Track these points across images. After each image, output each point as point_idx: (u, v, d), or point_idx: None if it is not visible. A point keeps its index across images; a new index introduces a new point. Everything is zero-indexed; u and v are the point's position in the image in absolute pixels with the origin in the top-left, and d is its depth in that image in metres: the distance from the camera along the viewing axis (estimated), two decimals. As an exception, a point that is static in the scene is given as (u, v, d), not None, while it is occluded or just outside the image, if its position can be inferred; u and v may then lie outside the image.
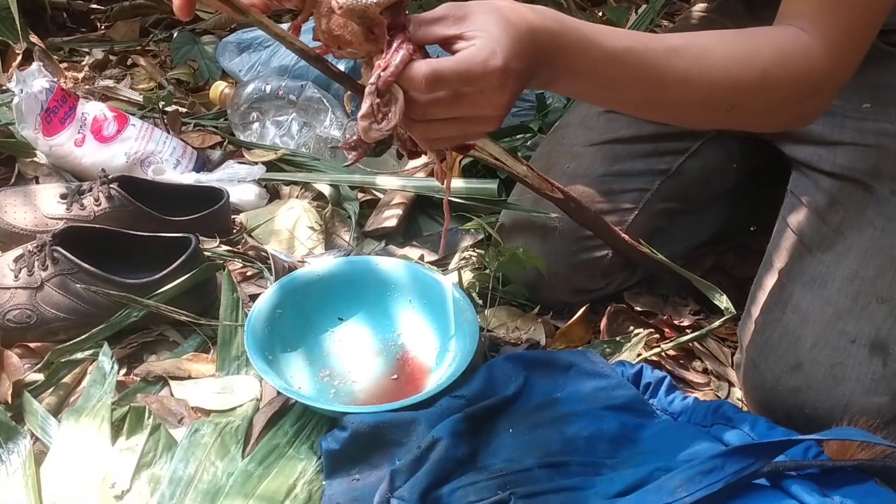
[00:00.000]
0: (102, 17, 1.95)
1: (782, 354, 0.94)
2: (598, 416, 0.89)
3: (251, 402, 0.96)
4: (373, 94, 0.66)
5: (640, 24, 1.65)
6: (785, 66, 0.79)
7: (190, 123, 1.52)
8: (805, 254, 0.98)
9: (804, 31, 0.80)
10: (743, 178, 1.20)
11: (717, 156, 1.17)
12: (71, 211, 1.15)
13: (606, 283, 1.16)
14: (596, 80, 0.77)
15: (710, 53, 0.79)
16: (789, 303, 0.96)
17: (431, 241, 1.27)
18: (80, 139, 1.30)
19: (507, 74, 0.67)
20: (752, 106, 0.82)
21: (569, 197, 1.04)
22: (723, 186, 1.20)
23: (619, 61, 0.76)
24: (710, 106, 0.82)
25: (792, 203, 1.04)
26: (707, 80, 0.79)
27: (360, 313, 1.07)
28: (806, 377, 0.92)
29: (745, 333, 1.00)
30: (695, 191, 1.16)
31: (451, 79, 0.67)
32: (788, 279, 0.98)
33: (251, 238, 1.23)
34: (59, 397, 0.97)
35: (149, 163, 1.32)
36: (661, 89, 0.79)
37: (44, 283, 1.03)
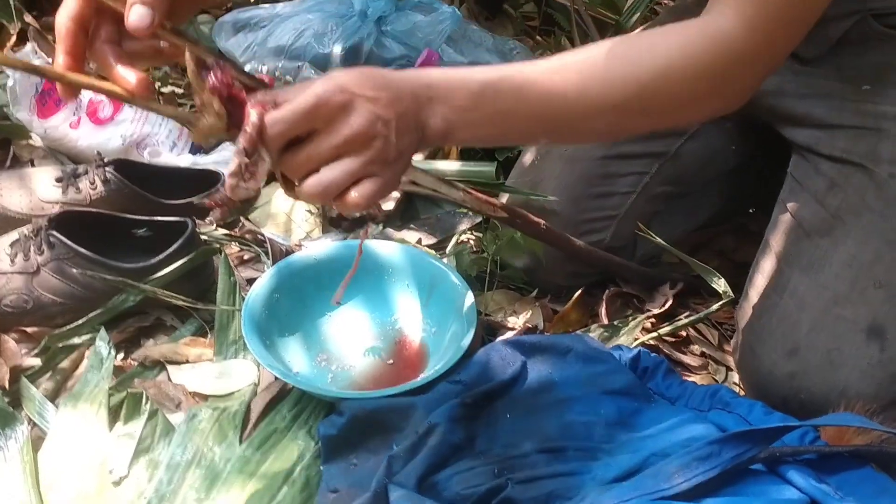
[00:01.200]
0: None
1: (779, 339, 0.94)
2: (595, 401, 0.89)
3: (249, 386, 0.96)
4: (240, 153, 0.68)
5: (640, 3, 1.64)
6: (687, 55, 0.76)
7: (186, 105, 1.51)
8: (803, 238, 0.98)
9: (723, 15, 0.77)
10: (741, 159, 1.20)
11: (716, 138, 1.16)
12: (67, 195, 1.15)
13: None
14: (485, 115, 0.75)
15: (596, 61, 0.77)
16: (787, 287, 0.96)
17: (429, 225, 1.26)
18: (75, 121, 1.29)
19: (347, 97, 0.68)
20: (664, 103, 0.79)
21: (513, 214, 1.03)
22: (721, 168, 1.19)
23: (496, 89, 0.75)
24: (620, 112, 0.78)
25: (791, 187, 1.03)
26: (601, 87, 0.77)
27: (358, 297, 1.07)
28: (803, 362, 0.92)
29: (743, 318, 1.00)
30: (693, 173, 1.16)
31: (289, 117, 0.68)
32: (786, 263, 0.98)
33: (248, 221, 1.23)
34: (56, 382, 0.97)
35: (145, 145, 1.31)
36: (555, 108, 0.77)
37: (40, 268, 1.02)
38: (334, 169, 0.70)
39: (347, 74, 0.70)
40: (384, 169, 0.72)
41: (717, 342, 1.10)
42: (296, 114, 0.68)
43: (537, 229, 1.05)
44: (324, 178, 0.71)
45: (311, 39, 1.50)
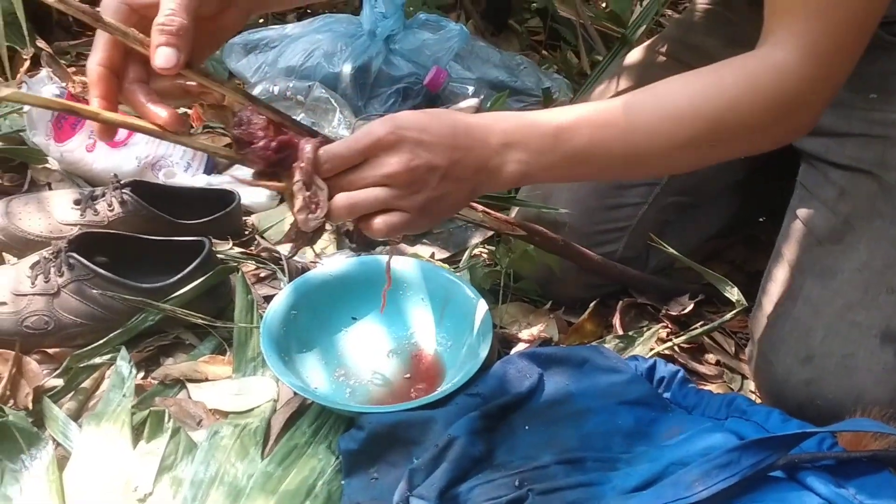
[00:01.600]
0: (108, 20, 1.95)
1: (793, 346, 0.95)
2: (613, 412, 0.90)
3: (268, 403, 0.97)
4: (301, 189, 0.75)
5: (645, 17, 1.65)
6: (754, 88, 0.79)
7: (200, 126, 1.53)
8: (815, 245, 0.98)
9: (779, 46, 0.79)
10: (751, 170, 1.21)
11: None
12: (85, 216, 1.16)
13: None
14: (562, 155, 0.79)
15: (669, 97, 0.80)
16: (800, 294, 0.97)
17: (442, 239, 1.27)
18: (90, 144, 1.31)
19: (398, 137, 0.73)
20: (733, 136, 0.81)
21: (531, 231, 1.05)
22: (731, 178, 1.20)
23: (574, 130, 0.78)
24: (691, 147, 0.80)
25: (801, 195, 1.04)
26: (674, 124, 0.79)
27: (374, 312, 1.08)
28: (818, 369, 0.93)
29: (757, 326, 1.00)
30: (703, 183, 1.17)
31: (345, 153, 0.74)
32: (798, 271, 0.98)
33: (263, 239, 1.24)
34: (78, 402, 0.98)
35: (160, 166, 1.33)
36: (632, 146, 0.80)
37: (60, 290, 1.04)
38: (368, 193, 0.75)
39: (411, 116, 0.75)
40: (415, 210, 0.76)
41: (732, 351, 1.11)
42: (351, 150, 0.74)
43: (555, 245, 1.07)
44: (354, 198, 0.75)
45: (321, 59, 1.52)
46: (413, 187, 0.75)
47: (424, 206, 0.76)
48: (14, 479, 0.86)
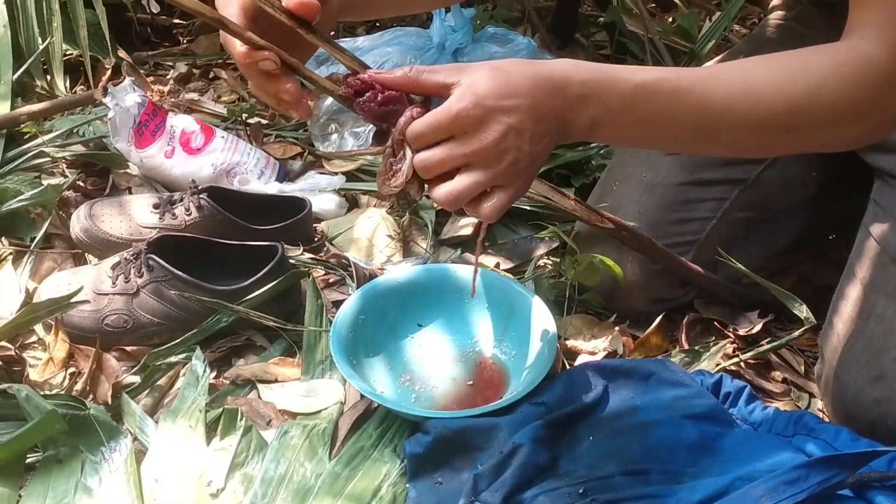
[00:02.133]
0: (185, 31, 2.02)
1: (865, 365, 0.93)
2: (678, 425, 0.90)
3: (335, 405, 0.99)
4: (388, 154, 0.77)
5: (714, 32, 1.65)
6: (840, 75, 0.77)
7: (272, 135, 1.57)
8: (889, 264, 0.97)
9: (866, 39, 0.77)
10: (822, 186, 1.19)
11: (796, 165, 1.16)
12: (163, 220, 1.21)
13: (684, 293, 1.17)
14: (637, 116, 0.77)
15: (752, 73, 0.79)
16: (872, 313, 0.95)
17: (506, 249, 1.29)
18: (169, 151, 1.36)
19: (483, 111, 0.72)
20: (811, 122, 0.79)
21: (620, 226, 1.05)
22: (801, 195, 1.19)
23: (653, 91, 0.77)
24: (767, 128, 0.79)
25: (875, 212, 1.03)
26: (754, 100, 0.78)
27: (439, 320, 1.10)
28: (889, 388, 0.91)
29: (827, 344, 0.99)
30: (773, 200, 1.16)
31: (427, 130, 0.74)
32: (871, 289, 0.97)
33: (332, 246, 1.27)
34: (154, 399, 1.01)
35: (234, 173, 1.37)
36: (707, 116, 0.78)
37: (139, 290, 1.08)
38: (464, 180, 0.75)
39: (486, 83, 0.73)
40: (514, 179, 0.76)
41: (800, 369, 1.09)
42: (432, 127, 0.74)
43: (640, 242, 1.07)
44: (455, 189, 0.75)
45: (391, 71, 1.55)
46: (506, 160, 0.74)
47: (520, 172, 0.76)
48: (94, 471, 0.90)
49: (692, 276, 1.12)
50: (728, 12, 1.70)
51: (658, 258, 1.09)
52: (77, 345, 1.06)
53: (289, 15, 0.78)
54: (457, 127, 0.73)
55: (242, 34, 0.75)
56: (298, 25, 0.78)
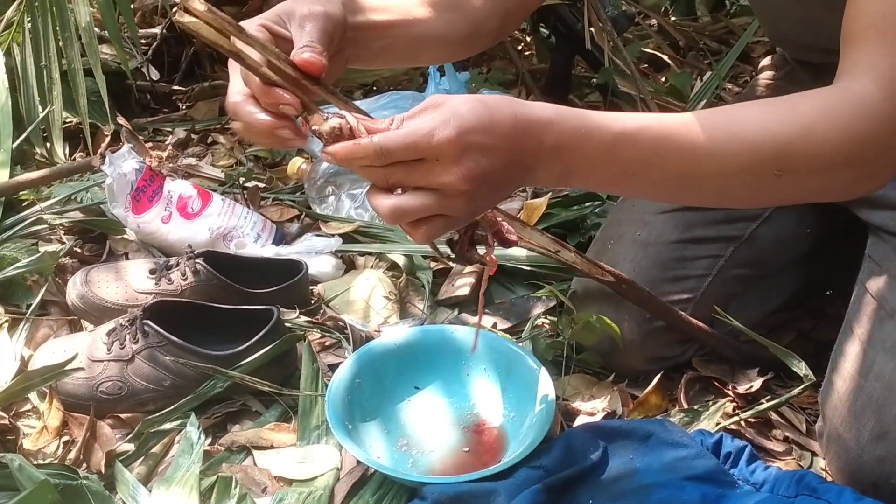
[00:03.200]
0: (184, 97, 2.05)
1: (866, 423, 0.92)
2: (678, 487, 0.88)
3: (332, 471, 0.98)
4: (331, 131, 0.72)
5: (706, 90, 1.67)
6: (831, 117, 0.74)
7: (269, 198, 1.59)
8: (886, 320, 0.97)
9: (857, 81, 0.76)
10: (817, 242, 1.20)
11: (790, 221, 1.17)
12: (159, 285, 1.21)
13: (683, 351, 1.16)
14: (614, 165, 0.75)
15: (738, 116, 0.77)
16: (872, 370, 0.95)
17: (503, 309, 1.28)
18: (166, 216, 1.36)
19: (463, 145, 0.69)
20: (801, 167, 0.76)
21: (620, 279, 1.05)
22: (797, 252, 1.19)
23: (632, 140, 0.74)
24: (754, 173, 0.76)
25: (871, 268, 1.03)
26: (739, 143, 0.75)
27: (436, 382, 1.09)
28: (892, 446, 0.90)
29: (828, 401, 0.98)
30: (768, 257, 1.16)
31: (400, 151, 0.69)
32: (870, 346, 0.96)
33: (329, 308, 1.26)
34: (148, 467, 1.00)
35: (231, 237, 1.38)
36: (690, 163, 0.76)
37: (135, 356, 1.07)
38: (416, 200, 0.71)
39: (472, 114, 0.70)
40: (463, 213, 0.73)
41: (801, 427, 1.08)
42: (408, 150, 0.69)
43: (641, 296, 1.07)
44: (401, 203, 0.71)
45: (387, 134, 1.56)
46: (466, 193, 0.70)
47: (472, 210, 0.73)
48: (86, 542, 0.88)
49: (693, 332, 1.11)
50: (719, 72, 1.73)
51: (658, 312, 1.09)
52: (71, 412, 1.05)
53: (294, 67, 0.77)
54: (432, 153, 0.69)
55: (258, 69, 0.76)
56: (304, 77, 0.78)
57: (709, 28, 2.69)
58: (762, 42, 2.61)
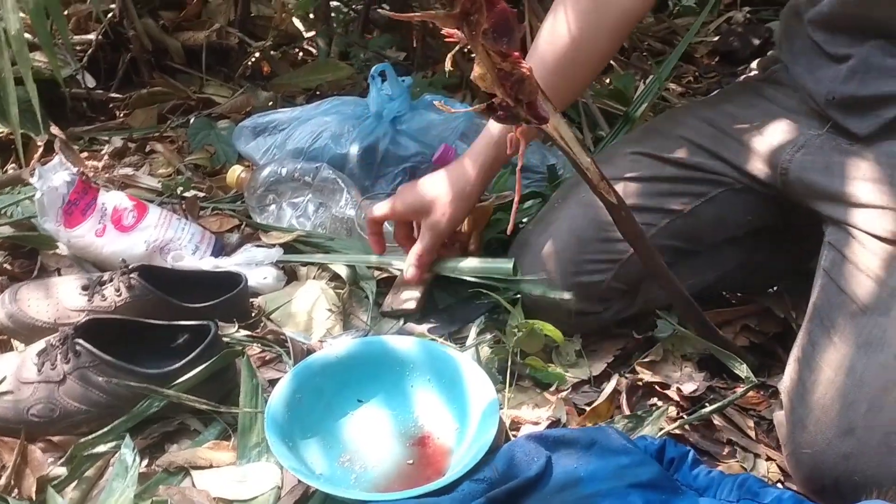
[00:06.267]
0: (121, 104, 2.00)
1: (834, 417, 0.92)
2: (623, 495, 0.88)
3: (272, 490, 0.96)
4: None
5: (648, 93, 1.67)
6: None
7: (208, 208, 1.55)
8: (859, 315, 0.96)
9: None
10: (755, 230, 1.22)
11: (734, 205, 1.19)
12: (92, 302, 1.17)
13: (603, 308, 1.20)
14: None
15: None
16: (843, 364, 0.94)
17: (447, 315, 1.27)
18: (100, 229, 1.32)
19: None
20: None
21: (621, 204, 1.02)
22: (731, 234, 1.22)
23: None
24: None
25: (835, 258, 1.03)
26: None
27: (380, 395, 1.07)
28: (858, 442, 0.90)
29: (792, 391, 0.98)
30: (704, 234, 1.19)
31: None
32: (841, 340, 0.96)
33: (270, 321, 1.24)
34: (82, 491, 0.97)
35: (168, 249, 1.34)
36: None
37: (66, 377, 1.04)
38: None
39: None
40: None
41: (745, 428, 1.09)
42: None
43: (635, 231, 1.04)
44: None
45: (328, 141, 1.55)
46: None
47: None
48: (14, 574, 0.85)
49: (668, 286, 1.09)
50: (660, 74, 1.73)
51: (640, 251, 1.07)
52: (0, 437, 1.01)
53: None
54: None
55: None
56: None
57: (652, 29, 2.71)
58: (705, 42, 2.64)
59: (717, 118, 1.20)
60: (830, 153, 1.07)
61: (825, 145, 1.09)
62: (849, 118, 1.07)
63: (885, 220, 1.00)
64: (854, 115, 1.06)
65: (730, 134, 1.18)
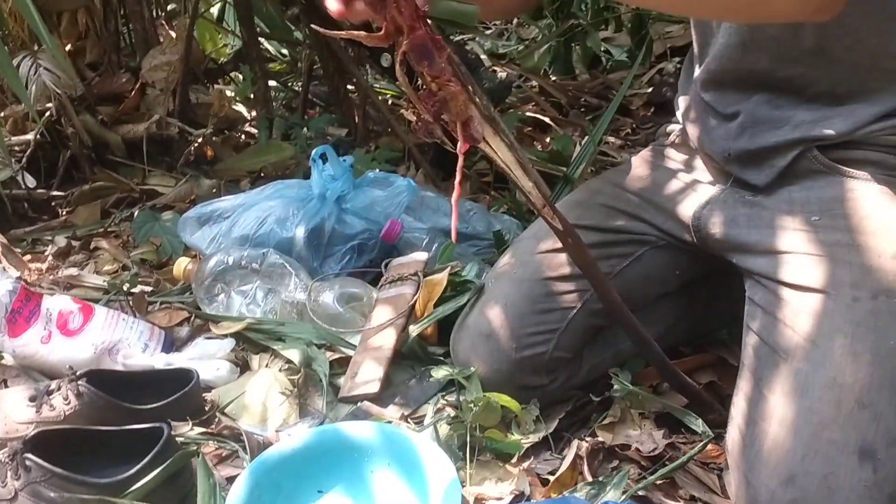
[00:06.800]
0: (63, 202, 1.98)
1: (774, 468, 0.94)
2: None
3: None
4: None
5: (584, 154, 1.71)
6: None
7: (156, 302, 1.54)
8: (781, 363, 0.98)
9: None
10: (685, 283, 1.26)
11: (660, 262, 1.23)
12: (41, 413, 1.15)
13: (550, 381, 1.21)
14: None
15: None
16: (774, 414, 0.96)
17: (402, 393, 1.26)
18: (46, 336, 1.30)
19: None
20: None
21: (568, 231, 1.02)
22: (662, 290, 1.26)
23: None
24: None
25: (754, 312, 1.06)
26: None
27: (340, 484, 1.06)
28: (800, 490, 0.91)
29: (734, 449, 0.99)
30: (635, 294, 1.21)
31: None
32: (769, 390, 0.98)
33: (224, 416, 1.22)
34: None
35: (117, 350, 1.33)
36: None
37: (17, 493, 1.01)
38: None
39: None
40: None
41: (707, 483, 1.09)
42: None
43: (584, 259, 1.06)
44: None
45: (274, 225, 1.55)
46: None
47: None
48: None
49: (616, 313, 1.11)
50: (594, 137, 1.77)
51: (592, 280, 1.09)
52: (-50, 563, 0.98)
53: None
54: None
55: None
56: None
57: (587, 85, 2.79)
58: (639, 94, 2.72)
59: (630, 184, 1.25)
60: (735, 206, 1.12)
61: (729, 199, 1.13)
62: (747, 171, 1.11)
63: (791, 267, 1.03)
64: (751, 167, 1.11)
65: (644, 197, 1.23)
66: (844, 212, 1.03)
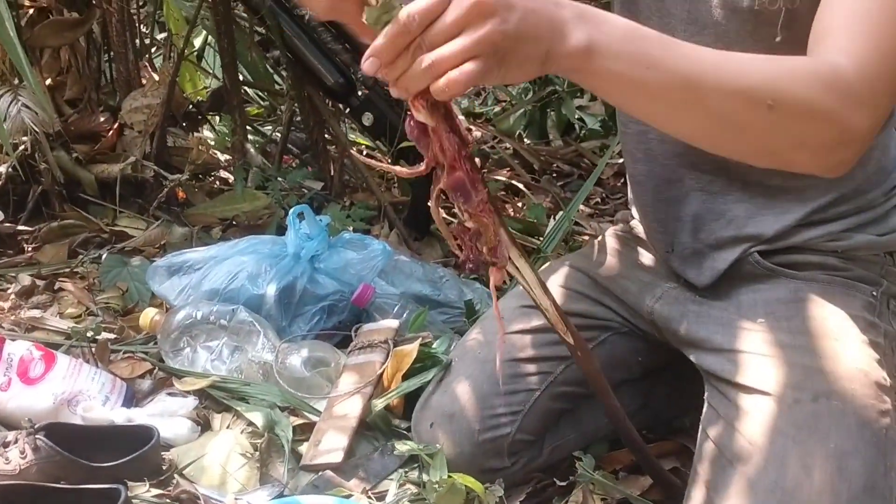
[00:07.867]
0: (30, 238, 1.95)
1: None
2: None
3: None
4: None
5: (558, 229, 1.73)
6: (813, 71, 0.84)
7: (119, 351, 1.51)
8: (727, 466, 0.99)
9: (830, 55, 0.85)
10: (647, 371, 1.28)
11: (623, 348, 1.24)
12: (-5, 466, 1.12)
13: (512, 463, 1.20)
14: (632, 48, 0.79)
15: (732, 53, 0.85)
16: None
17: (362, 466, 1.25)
18: (5, 383, 1.28)
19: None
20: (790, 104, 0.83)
21: (578, 345, 1.03)
22: (625, 376, 1.27)
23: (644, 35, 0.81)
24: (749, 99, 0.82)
25: (708, 414, 1.07)
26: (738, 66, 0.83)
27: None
28: None
29: None
30: None
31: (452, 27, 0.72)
32: (716, 493, 0.98)
33: (182, 478, 1.20)
34: None
35: (77, 402, 1.30)
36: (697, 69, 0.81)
37: (-37, 552, 0.98)
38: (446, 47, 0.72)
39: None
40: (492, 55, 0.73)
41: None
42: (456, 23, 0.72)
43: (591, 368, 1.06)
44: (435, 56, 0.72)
45: (245, 281, 1.54)
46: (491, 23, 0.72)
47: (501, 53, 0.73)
48: None
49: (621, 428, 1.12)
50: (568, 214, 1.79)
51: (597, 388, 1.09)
52: None
53: None
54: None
55: None
56: None
57: (560, 151, 2.83)
58: (610, 164, 2.76)
59: (592, 269, 1.27)
60: (685, 303, 1.14)
61: (680, 296, 1.16)
62: (687, 270, 1.14)
63: (739, 366, 1.04)
64: (692, 266, 1.13)
65: (604, 285, 1.25)
66: (787, 313, 1.05)
